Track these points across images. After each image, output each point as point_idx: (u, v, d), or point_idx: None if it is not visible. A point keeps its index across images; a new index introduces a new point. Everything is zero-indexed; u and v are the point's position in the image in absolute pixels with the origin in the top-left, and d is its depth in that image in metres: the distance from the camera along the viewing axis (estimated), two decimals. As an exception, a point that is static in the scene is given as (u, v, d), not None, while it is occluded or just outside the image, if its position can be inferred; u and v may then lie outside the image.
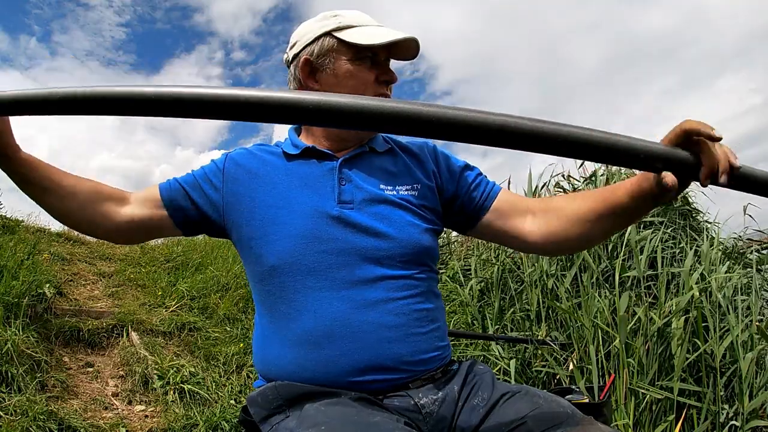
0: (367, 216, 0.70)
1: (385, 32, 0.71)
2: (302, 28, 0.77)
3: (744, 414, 1.42)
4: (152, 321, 2.88)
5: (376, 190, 0.73)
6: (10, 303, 2.24)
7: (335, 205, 0.70)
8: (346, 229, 0.69)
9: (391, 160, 0.79)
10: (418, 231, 0.73)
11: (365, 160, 0.77)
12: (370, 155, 0.78)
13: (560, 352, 1.80)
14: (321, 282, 0.67)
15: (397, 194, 0.74)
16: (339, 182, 0.72)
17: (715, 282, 1.76)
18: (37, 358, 2.05)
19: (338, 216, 0.69)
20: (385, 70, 0.75)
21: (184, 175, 0.79)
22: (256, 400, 0.66)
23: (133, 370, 2.28)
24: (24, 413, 1.65)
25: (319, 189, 0.72)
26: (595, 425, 0.58)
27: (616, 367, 1.58)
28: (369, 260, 0.68)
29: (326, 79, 0.74)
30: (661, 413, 1.50)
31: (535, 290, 2.09)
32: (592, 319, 1.73)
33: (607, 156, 0.45)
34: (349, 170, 0.74)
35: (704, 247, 2.00)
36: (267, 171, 0.75)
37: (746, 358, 1.47)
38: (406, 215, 0.73)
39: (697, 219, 2.62)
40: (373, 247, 0.69)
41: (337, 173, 0.73)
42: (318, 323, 0.66)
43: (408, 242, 0.71)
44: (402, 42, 0.72)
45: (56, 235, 4.69)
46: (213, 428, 1.92)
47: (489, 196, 0.78)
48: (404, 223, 0.72)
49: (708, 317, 1.61)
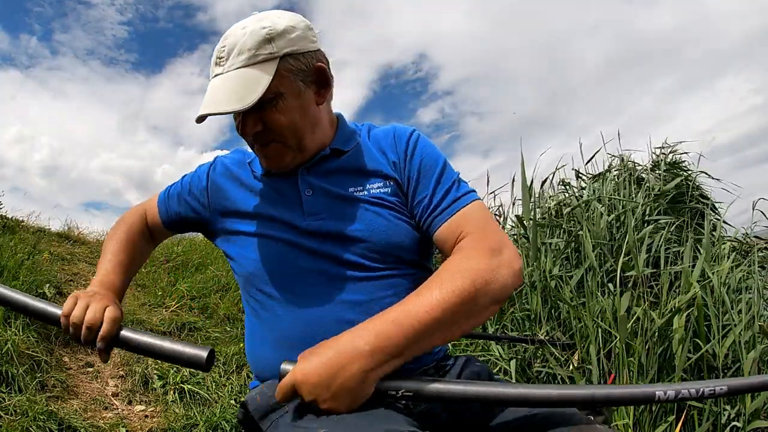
0: (337, 222, 0.70)
1: (207, 99, 0.67)
2: (303, 24, 0.71)
3: (746, 415, 1.41)
4: (152, 321, 2.88)
5: (344, 192, 0.72)
6: (10, 303, 2.23)
7: (303, 218, 0.71)
8: (317, 239, 0.70)
9: (359, 156, 0.75)
10: (395, 228, 0.70)
11: (329, 164, 0.75)
12: (333, 158, 0.75)
13: (561, 352, 1.79)
14: (300, 288, 0.69)
15: (368, 193, 0.72)
16: (303, 194, 0.73)
17: (716, 278, 1.74)
18: (37, 358, 2.05)
19: (307, 229, 0.70)
20: (238, 124, 0.71)
21: (177, 183, 0.87)
22: (255, 398, 0.67)
23: (133, 370, 2.28)
24: (24, 413, 1.65)
25: (286, 203, 0.73)
26: (593, 425, 0.57)
27: (617, 367, 1.57)
28: (347, 265, 0.69)
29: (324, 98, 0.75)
30: (661, 413, 1.50)
31: (536, 291, 2.08)
32: (594, 318, 1.72)
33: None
34: (313, 178, 0.74)
35: (705, 243, 1.98)
36: (247, 184, 0.79)
37: (748, 357, 1.46)
38: (380, 214, 0.70)
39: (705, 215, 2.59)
40: (349, 251, 0.69)
41: (300, 185, 0.73)
42: (297, 327, 0.68)
43: (385, 241, 0.69)
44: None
45: (56, 235, 4.70)
46: (213, 428, 1.92)
47: (435, 223, 0.70)
48: (379, 223, 0.70)
49: (711, 316, 1.60)
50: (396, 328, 0.55)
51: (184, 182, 0.85)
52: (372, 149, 0.77)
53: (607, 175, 2.78)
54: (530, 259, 2.17)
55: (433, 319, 0.55)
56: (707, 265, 1.85)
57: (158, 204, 0.87)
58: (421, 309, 0.56)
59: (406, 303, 0.58)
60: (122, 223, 0.87)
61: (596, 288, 1.92)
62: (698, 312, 1.53)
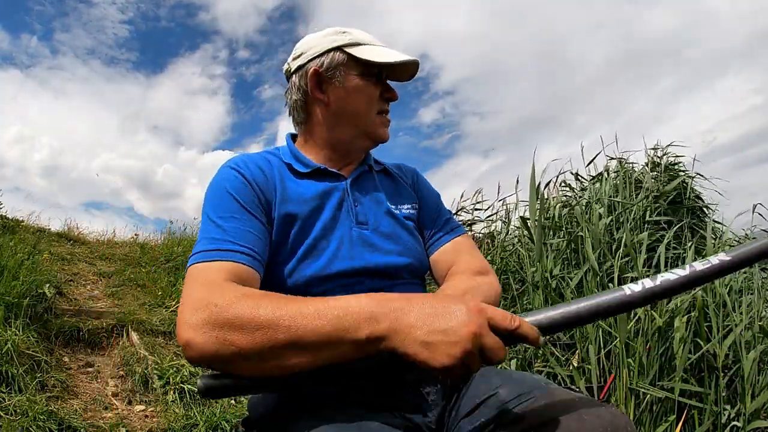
0: (380, 236, 0.76)
1: (393, 53, 0.76)
2: (309, 40, 0.79)
3: (746, 414, 1.41)
4: (152, 321, 2.88)
5: (385, 209, 0.79)
6: (11, 303, 2.24)
7: (353, 225, 0.74)
8: (364, 248, 0.73)
9: (387, 179, 0.86)
10: (421, 248, 0.81)
11: (369, 180, 0.82)
12: (371, 174, 0.83)
13: (561, 351, 1.79)
14: (333, 293, 0.68)
15: (401, 213, 0.81)
16: (353, 204, 0.76)
17: (718, 280, 1.75)
18: (37, 358, 2.05)
19: (359, 237, 0.73)
20: (388, 88, 0.80)
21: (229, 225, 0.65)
22: (257, 406, 0.69)
23: (133, 370, 2.27)
24: (24, 413, 1.65)
25: (335, 210, 0.75)
26: (563, 390, 0.59)
27: (617, 367, 1.58)
28: (384, 276, 0.73)
29: (334, 90, 0.76)
30: (661, 413, 1.50)
31: (538, 291, 2.09)
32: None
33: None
34: (357, 191, 0.79)
35: (709, 245, 2.00)
36: (287, 186, 0.74)
37: (748, 357, 1.47)
38: (412, 233, 0.80)
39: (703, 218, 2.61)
40: (387, 264, 0.73)
41: (350, 195, 0.77)
42: None
43: (415, 258, 0.77)
44: (405, 64, 0.77)
45: (56, 235, 4.70)
46: (213, 428, 1.92)
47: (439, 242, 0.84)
48: (411, 242, 0.79)
49: (711, 317, 1.60)
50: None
51: (235, 208, 0.67)
52: (393, 173, 0.88)
53: (606, 176, 2.79)
54: (533, 259, 2.18)
55: None
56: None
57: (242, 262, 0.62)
58: None
59: None
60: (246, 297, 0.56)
61: (596, 288, 1.92)
62: (699, 312, 1.54)
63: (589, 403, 0.55)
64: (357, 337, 0.47)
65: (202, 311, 0.51)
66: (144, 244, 5.25)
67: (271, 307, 0.49)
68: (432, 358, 0.45)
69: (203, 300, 0.52)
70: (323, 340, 0.47)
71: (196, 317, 0.50)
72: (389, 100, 0.80)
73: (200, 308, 0.51)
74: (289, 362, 0.48)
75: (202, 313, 0.50)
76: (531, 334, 0.48)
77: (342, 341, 0.47)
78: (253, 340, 0.48)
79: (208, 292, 0.53)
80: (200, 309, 0.51)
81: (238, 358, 0.48)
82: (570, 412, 0.53)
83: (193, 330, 0.50)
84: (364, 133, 0.79)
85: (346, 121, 0.78)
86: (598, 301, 0.52)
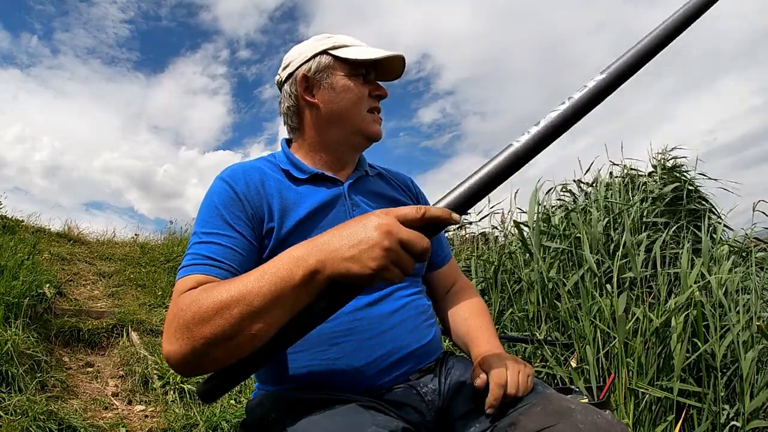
0: None
1: (377, 50, 0.78)
2: (295, 50, 0.82)
3: (745, 414, 1.41)
4: (152, 321, 2.88)
5: None
6: (11, 303, 2.24)
7: None
8: None
9: (382, 183, 0.87)
10: None
11: (365, 184, 0.83)
12: (367, 178, 0.85)
13: (561, 351, 1.80)
14: None
15: None
16: (351, 207, 0.77)
17: (715, 280, 1.75)
18: (37, 358, 2.05)
19: None
20: (377, 86, 0.81)
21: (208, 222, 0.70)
22: (255, 410, 0.69)
23: (133, 370, 2.28)
24: (24, 413, 1.65)
25: (332, 215, 0.76)
26: (559, 395, 0.61)
27: (616, 367, 1.58)
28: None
29: (323, 92, 0.78)
30: (661, 413, 1.50)
31: (534, 291, 2.09)
32: (591, 319, 1.73)
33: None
34: (355, 195, 0.80)
35: (705, 245, 2.00)
36: (285, 196, 0.75)
37: (747, 357, 1.47)
38: None
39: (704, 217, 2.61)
40: None
41: (348, 199, 0.78)
42: (336, 323, 0.68)
43: (418, 267, 0.79)
44: (390, 61, 0.79)
45: (56, 235, 4.70)
46: (213, 428, 1.92)
47: (439, 262, 0.90)
48: None
49: (708, 316, 1.61)
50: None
51: (223, 214, 0.70)
52: (388, 178, 0.89)
53: (604, 180, 2.81)
54: (529, 261, 2.18)
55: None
56: (704, 268, 1.86)
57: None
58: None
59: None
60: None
61: (593, 289, 1.93)
62: (696, 312, 1.54)
63: (585, 410, 0.55)
64: (295, 282, 0.49)
65: (171, 323, 0.55)
66: (144, 244, 5.25)
67: (222, 290, 0.52)
68: (361, 268, 0.47)
69: (171, 314, 0.57)
70: (270, 298, 0.50)
71: (169, 332, 0.55)
72: (379, 98, 0.81)
73: (171, 322, 0.56)
74: (252, 331, 0.50)
75: (172, 324, 0.55)
76: (441, 213, 0.50)
77: (285, 292, 0.50)
78: (215, 324, 0.51)
79: (175, 305, 0.57)
80: (171, 322, 0.56)
81: (211, 347, 0.51)
82: (566, 419, 0.54)
83: (169, 342, 0.54)
84: (356, 132, 0.79)
85: (337, 122, 0.78)
86: (494, 164, 0.52)
